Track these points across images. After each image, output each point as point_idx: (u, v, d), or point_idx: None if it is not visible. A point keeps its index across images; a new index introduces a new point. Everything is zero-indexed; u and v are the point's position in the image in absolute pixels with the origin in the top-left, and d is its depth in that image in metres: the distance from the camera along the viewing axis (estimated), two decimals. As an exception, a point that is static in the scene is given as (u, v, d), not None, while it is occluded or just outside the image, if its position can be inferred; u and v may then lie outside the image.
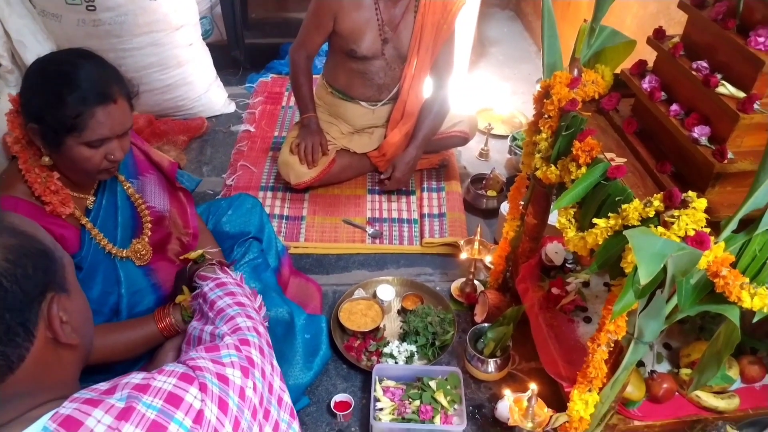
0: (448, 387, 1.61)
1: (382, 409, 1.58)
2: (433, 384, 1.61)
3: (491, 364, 1.70)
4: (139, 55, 2.48)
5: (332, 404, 1.63)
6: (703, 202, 1.06)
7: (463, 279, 2.02)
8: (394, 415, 1.57)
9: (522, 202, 1.73)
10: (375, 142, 2.44)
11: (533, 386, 1.40)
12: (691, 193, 1.08)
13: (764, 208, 1.07)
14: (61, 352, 0.72)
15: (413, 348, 1.77)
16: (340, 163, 2.38)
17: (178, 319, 1.28)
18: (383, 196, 2.43)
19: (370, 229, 2.27)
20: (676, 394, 1.47)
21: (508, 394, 1.49)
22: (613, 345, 1.26)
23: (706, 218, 1.05)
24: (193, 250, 1.50)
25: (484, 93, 3.17)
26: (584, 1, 2.93)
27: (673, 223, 1.05)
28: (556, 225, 1.37)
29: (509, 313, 1.68)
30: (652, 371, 1.48)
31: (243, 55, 3.23)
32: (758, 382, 1.51)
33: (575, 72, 1.47)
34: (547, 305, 1.69)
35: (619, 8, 2.38)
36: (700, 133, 1.20)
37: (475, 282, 2.00)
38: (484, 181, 2.42)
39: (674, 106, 1.29)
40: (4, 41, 2.22)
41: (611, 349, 1.26)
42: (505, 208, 2.05)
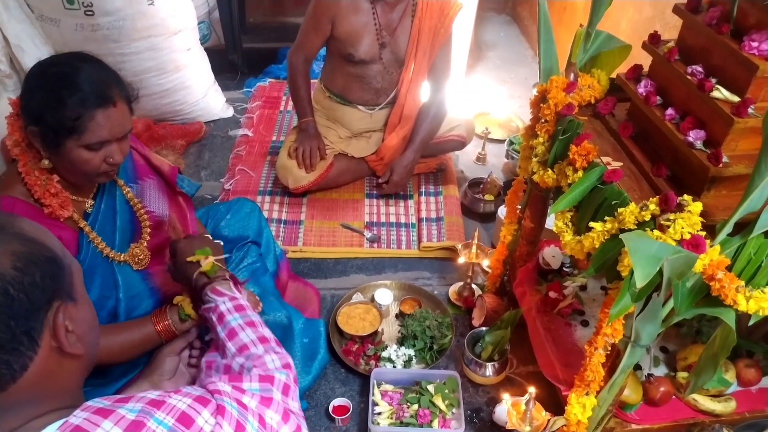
0: (446, 391, 1.61)
1: (380, 413, 1.58)
2: (431, 388, 1.61)
3: (489, 368, 1.70)
4: (137, 60, 2.49)
5: (330, 408, 1.63)
6: (698, 206, 1.07)
7: (461, 283, 2.03)
8: (392, 419, 1.58)
9: (519, 206, 1.73)
10: (373, 146, 2.44)
11: (531, 390, 1.40)
12: (686, 197, 1.09)
13: (759, 212, 1.07)
14: (65, 361, 0.72)
15: (411, 352, 1.77)
16: (338, 167, 2.39)
17: (176, 319, 1.28)
18: (381, 200, 2.44)
19: (368, 233, 2.27)
20: (673, 397, 1.47)
21: (506, 397, 1.49)
22: (610, 348, 1.26)
23: (702, 222, 1.06)
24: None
25: (481, 97, 3.17)
26: (580, 6, 2.94)
27: (668, 227, 1.05)
28: (553, 229, 1.37)
29: (507, 316, 1.68)
30: (649, 374, 1.48)
31: (241, 60, 3.24)
32: (755, 385, 1.51)
33: (571, 76, 1.48)
34: (545, 309, 1.69)
35: (614, 13, 2.40)
36: (696, 137, 1.21)
37: (473, 286, 2.00)
38: (482, 185, 2.43)
39: (669, 110, 1.30)
40: (2, 46, 2.22)
41: (608, 353, 1.27)
42: (502, 212, 2.05)
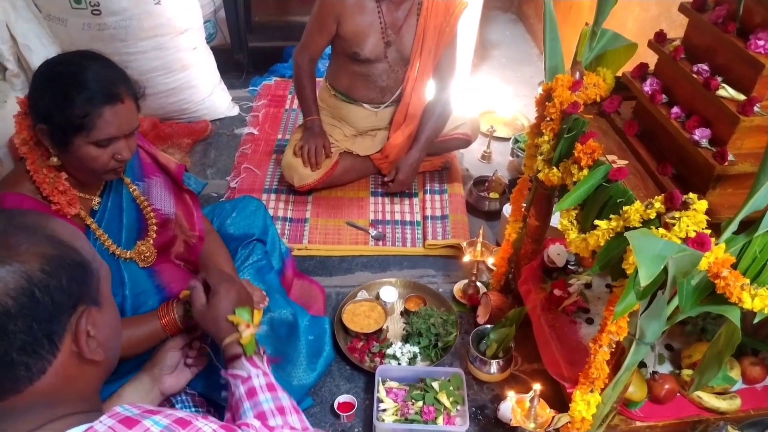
0: (451, 388, 1.61)
1: (385, 410, 1.59)
2: (435, 385, 1.61)
3: (494, 366, 1.70)
4: (143, 59, 2.50)
5: (335, 405, 1.64)
6: (703, 204, 1.07)
7: (466, 281, 2.03)
8: (397, 416, 1.58)
9: (524, 204, 1.74)
10: (378, 145, 2.45)
11: (536, 387, 1.41)
12: (692, 195, 1.09)
13: (764, 210, 1.07)
14: (84, 366, 0.71)
15: (416, 349, 1.77)
16: (344, 166, 2.40)
17: (181, 314, 1.28)
18: (386, 199, 2.44)
19: (373, 231, 2.28)
20: (678, 394, 1.47)
21: (511, 395, 1.50)
22: (614, 346, 1.26)
23: (707, 220, 1.06)
24: (199, 252, 1.51)
25: (487, 95, 3.17)
26: (586, 5, 2.94)
27: (674, 225, 1.05)
28: (558, 227, 1.38)
29: (512, 314, 1.69)
30: (654, 372, 1.49)
31: (246, 59, 3.25)
32: (760, 383, 1.51)
33: (577, 75, 1.48)
34: (550, 307, 1.69)
35: (620, 11, 2.39)
36: (701, 135, 1.21)
37: (478, 284, 2.00)
38: (487, 184, 2.43)
39: (675, 109, 1.30)
40: (10, 45, 2.23)
41: (613, 350, 1.27)
42: (507, 210, 2.05)
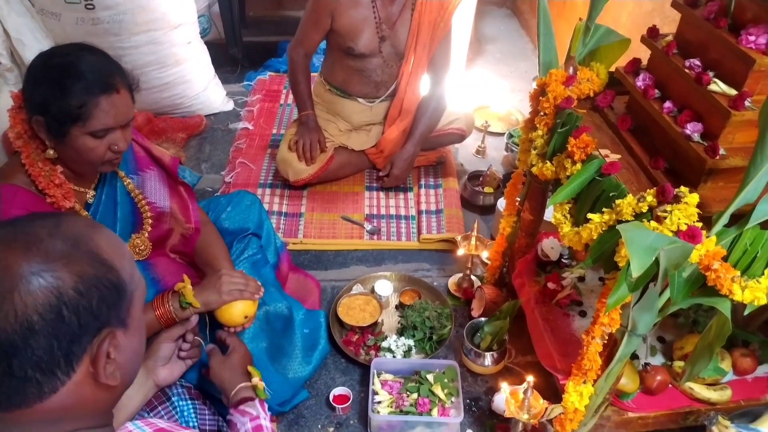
0: (446, 380, 1.63)
1: (380, 402, 1.60)
2: (430, 377, 1.63)
3: (488, 358, 1.72)
4: (137, 54, 2.49)
5: (331, 397, 1.65)
6: (695, 197, 1.08)
7: (461, 274, 2.04)
8: (392, 408, 1.59)
9: (518, 199, 1.75)
10: (373, 140, 2.45)
11: (529, 378, 1.42)
12: (683, 189, 1.10)
13: (755, 203, 1.09)
14: (98, 390, 0.69)
15: (411, 342, 1.79)
16: (339, 160, 2.40)
17: (176, 306, 1.29)
18: (381, 193, 2.45)
19: (368, 226, 2.28)
20: (670, 386, 1.49)
21: (505, 386, 1.51)
22: (607, 338, 1.27)
23: (698, 213, 1.08)
24: (194, 244, 1.51)
25: (481, 90, 3.18)
26: (580, 0, 2.94)
27: (665, 218, 1.07)
28: (551, 221, 1.38)
29: (506, 307, 1.70)
30: (646, 364, 1.50)
31: (241, 53, 3.24)
32: (750, 374, 1.53)
33: (571, 70, 1.49)
34: (543, 300, 1.70)
35: (614, 7, 2.40)
36: (693, 129, 1.22)
37: (472, 277, 2.02)
38: (481, 178, 2.44)
39: (667, 104, 1.31)
40: (3, 39, 2.22)
41: (605, 342, 1.28)
42: (501, 204, 2.07)
